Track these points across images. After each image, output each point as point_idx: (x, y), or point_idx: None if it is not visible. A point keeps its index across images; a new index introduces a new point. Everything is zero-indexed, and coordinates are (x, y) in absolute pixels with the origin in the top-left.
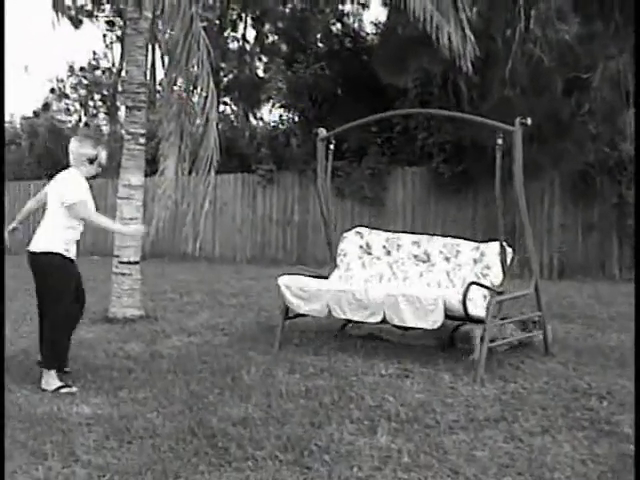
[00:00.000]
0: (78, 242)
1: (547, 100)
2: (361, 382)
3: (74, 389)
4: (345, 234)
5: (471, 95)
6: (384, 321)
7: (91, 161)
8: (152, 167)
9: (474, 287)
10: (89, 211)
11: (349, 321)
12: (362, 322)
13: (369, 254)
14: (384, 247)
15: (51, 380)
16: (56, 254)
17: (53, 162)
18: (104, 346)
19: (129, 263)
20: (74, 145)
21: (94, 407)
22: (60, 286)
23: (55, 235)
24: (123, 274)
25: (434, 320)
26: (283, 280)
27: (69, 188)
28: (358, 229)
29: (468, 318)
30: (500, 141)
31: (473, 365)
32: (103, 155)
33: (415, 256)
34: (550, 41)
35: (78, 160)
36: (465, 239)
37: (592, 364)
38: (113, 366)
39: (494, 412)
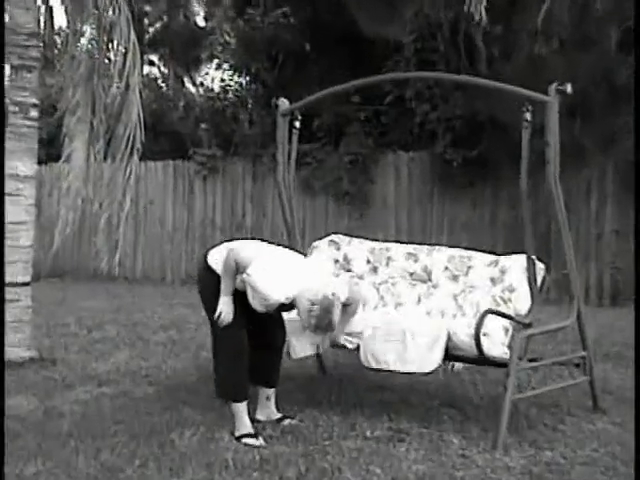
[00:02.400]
0: None
1: (596, 59)
2: (338, 448)
3: None
4: (316, 244)
5: (490, 53)
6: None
7: None
8: (50, 151)
9: (491, 317)
10: None
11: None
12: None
13: (348, 271)
14: (368, 262)
15: None
16: None
17: None
18: None
19: (15, 285)
20: None
21: None
22: None
23: None
24: (7, 300)
25: (430, 361)
26: None
27: None
28: (333, 237)
29: (482, 359)
30: (529, 116)
31: (495, 426)
32: None
33: (411, 274)
34: None
35: None
36: (480, 251)
37: None
38: None
39: None
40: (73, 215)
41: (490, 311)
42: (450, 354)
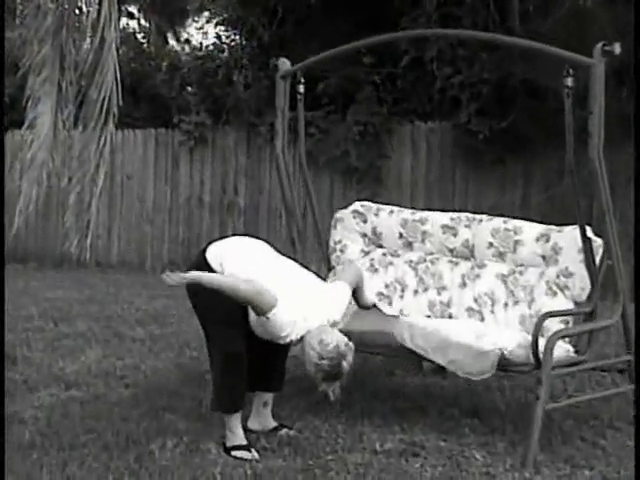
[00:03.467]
0: None
1: None
2: (342, 463)
3: None
4: (339, 215)
5: (524, 6)
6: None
7: None
8: (12, 116)
9: (551, 319)
10: None
11: None
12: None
13: (379, 247)
14: (401, 236)
15: None
16: None
17: None
18: None
19: None
20: None
21: None
22: None
23: None
24: None
25: (477, 368)
26: None
27: None
28: (358, 207)
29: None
30: (570, 81)
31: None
32: None
33: (451, 250)
34: None
35: None
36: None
37: None
38: None
39: None
40: (37, 190)
41: (548, 314)
42: (506, 370)
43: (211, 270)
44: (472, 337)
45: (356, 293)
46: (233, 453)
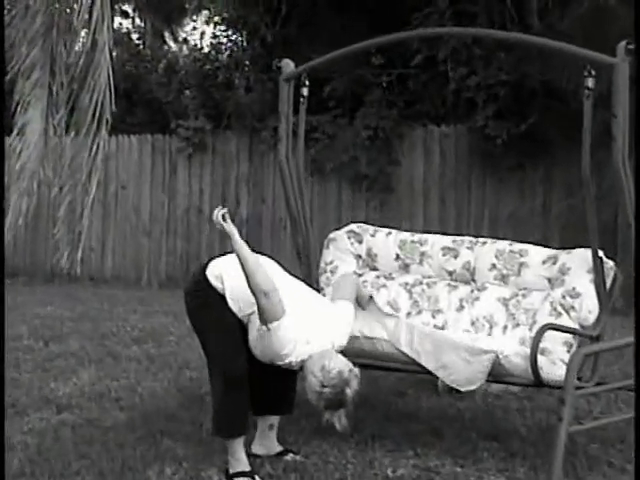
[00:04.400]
0: None
1: None
2: None
3: None
4: (333, 235)
5: (544, 3)
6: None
7: None
8: None
9: (552, 334)
10: None
11: None
12: None
13: (373, 269)
14: (398, 257)
15: None
16: None
17: None
18: None
19: None
20: None
21: None
22: None
23: None
24: None
25: (469, 377)
26: None
27: None
28: (354, 227)
29: (539, 383)
30: (592, 82)
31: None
32: None
33: (450, 273)
34: None
35: None
36: (530, 243)
37: None
38: None
39: None
40: (27, 202)
41: (550, 326)
42: (500, 381)
43: (211, 288)
44: (468, 338)
45: (357, 300)
46: None
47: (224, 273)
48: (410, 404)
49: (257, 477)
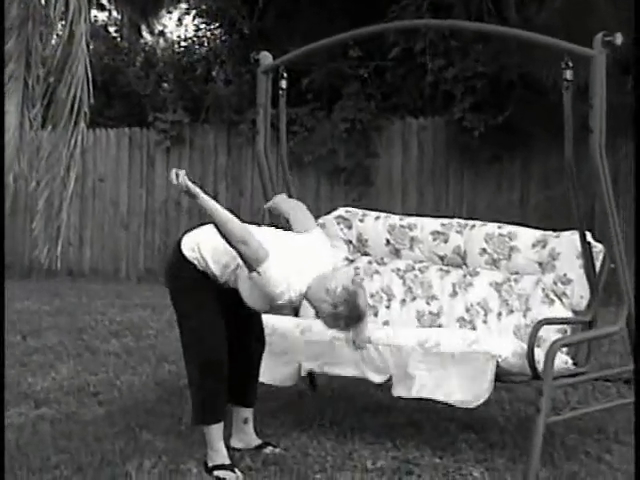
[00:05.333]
0: None
1: None
2: None
3: None
4: (322, 220)
5: None
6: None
7: None
8: None
9: (548, 328)
10: None
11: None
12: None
13: (365, 254)
14: (388, 242)
15: None
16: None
17: None
18: None
19: None
20: None
21: None
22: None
23: None
24: None
25: (476, 394)
26: None
27: None
28: (342, 212)
29: (537, 377)
30: (569, 74)
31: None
32: None
33: (442, 258)
34: None
35: None
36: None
37: None
38: None
39: None
40: (4, 196)
41: (545, 321)
42: (499, 380)
43: (185, 260)
44: (463, 344)
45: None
46: (215, 473)
47: (200, 242)
48: (388, 396)
49: (237, 470)
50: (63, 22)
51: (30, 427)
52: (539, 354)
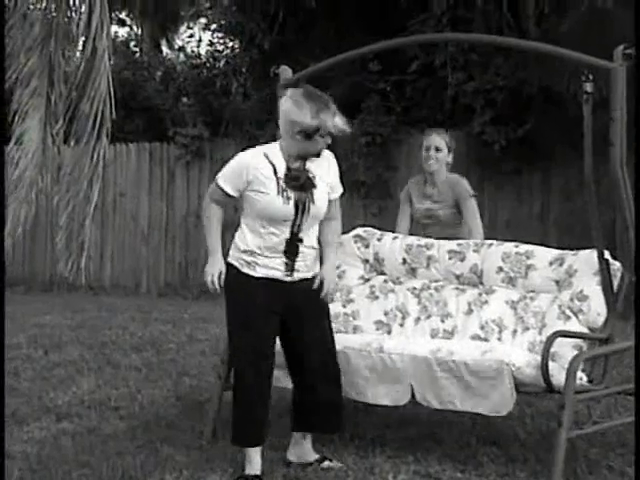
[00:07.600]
0: None
1: None
2: None
3: None
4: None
5: (540, 7)
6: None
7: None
8: None
9: (563, 344)
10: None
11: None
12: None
13: (381, 274)
14: (405, 262)
15: None
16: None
17: None
18: None
19: None
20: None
21: None
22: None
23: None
24: None
25: (504, 402)
26: None
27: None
28: (360, 231)
29: (551, 390)
30: (590, 87)
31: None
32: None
33: (457, 277)
34: None
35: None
36: (533, 244)
37: None
38: None
39: None
40: (26, 211)
41: (559, 334)
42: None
43: (230, 264)
44: (477, 352)
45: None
46: None
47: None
48: (409, 409)
49: None
50: (85, 38)
51: (51, 441)
52: (553, 368)
